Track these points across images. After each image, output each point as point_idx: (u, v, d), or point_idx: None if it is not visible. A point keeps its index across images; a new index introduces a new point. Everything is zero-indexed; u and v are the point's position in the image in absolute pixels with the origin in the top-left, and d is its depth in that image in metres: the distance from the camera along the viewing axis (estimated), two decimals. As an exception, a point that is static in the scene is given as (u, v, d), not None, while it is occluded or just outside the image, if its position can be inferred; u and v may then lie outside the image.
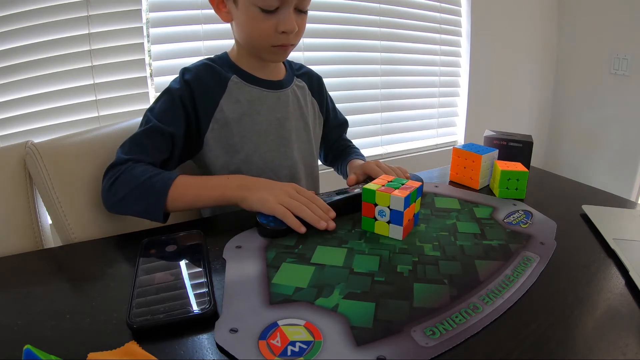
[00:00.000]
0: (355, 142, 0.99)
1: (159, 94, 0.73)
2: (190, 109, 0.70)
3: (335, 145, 0.96)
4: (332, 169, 0.97)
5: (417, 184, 0.60)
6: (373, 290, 0.45)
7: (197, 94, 0.70)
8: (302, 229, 0.58)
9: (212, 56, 0.78)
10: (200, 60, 0.76)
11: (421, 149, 1.97)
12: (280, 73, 0.80)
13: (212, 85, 0.72)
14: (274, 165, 0.77)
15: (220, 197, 0.62)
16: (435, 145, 2.02)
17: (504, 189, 0.73)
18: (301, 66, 0.87)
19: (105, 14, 1.15)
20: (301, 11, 0.69)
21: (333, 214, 0.61)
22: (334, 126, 0.94)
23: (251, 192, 0.61)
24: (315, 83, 0.88)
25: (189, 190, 0.62)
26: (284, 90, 0.79)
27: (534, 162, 0.86)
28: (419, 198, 0.62)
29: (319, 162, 0.94)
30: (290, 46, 0.71)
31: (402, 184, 0.59)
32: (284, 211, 0.58)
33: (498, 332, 0.39)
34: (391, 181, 0.61)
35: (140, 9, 1.20)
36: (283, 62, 0.83)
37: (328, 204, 0.62)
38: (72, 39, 1.13)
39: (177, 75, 0.74)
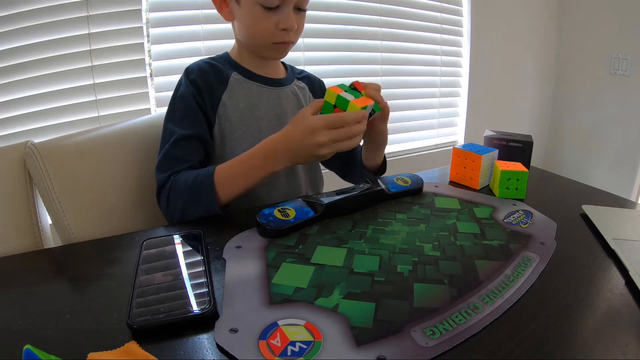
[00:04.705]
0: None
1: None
2: (203, 106, 0.72)
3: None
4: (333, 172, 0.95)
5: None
6: (373, 290, 0.45)
7: (203, 91, 0.73)
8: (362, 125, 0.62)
9: (213, 56, 0.80)
10: (200, 59, 0.77)
11: (421, 149, 1.97)
12: (280, 72, 0.82)
13: (214, 82, 0.74)
14: None
15: (270, 175, 0.65)
16: (435, 145, 2.02)
17: (504, 189, 0.73)
18: (302, 71, 0.90)
19: (105, 14, 1.15)
20: (300, 10, 0.72)
21: (364, 114, 0.63)
22: None
23: (294, 161, 0.63)
24: (316, 86, 0.90)
25: (233, 182, 0.64)
26: (284, 88, 0.80)
27: (534, 162, 0.86)
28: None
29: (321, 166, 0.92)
30: (290, 44, 0.74)
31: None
32: (332, 152, 0.61)
33: (498, 332, 0.39)
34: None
35: (140, 9, 1.20)
36: (284, 65, 0.85)
37: (328, 204, 0.62)
38: (72, 39, 1.13)
39: (181, 77, 0.75)
